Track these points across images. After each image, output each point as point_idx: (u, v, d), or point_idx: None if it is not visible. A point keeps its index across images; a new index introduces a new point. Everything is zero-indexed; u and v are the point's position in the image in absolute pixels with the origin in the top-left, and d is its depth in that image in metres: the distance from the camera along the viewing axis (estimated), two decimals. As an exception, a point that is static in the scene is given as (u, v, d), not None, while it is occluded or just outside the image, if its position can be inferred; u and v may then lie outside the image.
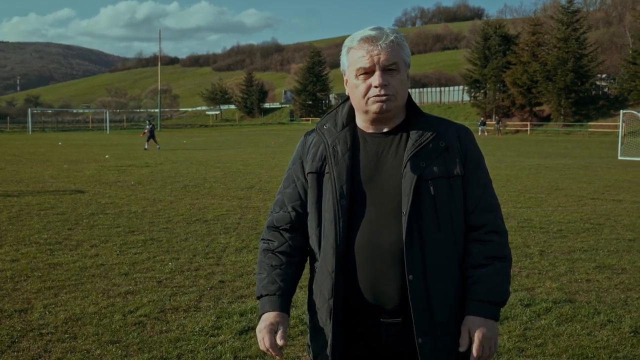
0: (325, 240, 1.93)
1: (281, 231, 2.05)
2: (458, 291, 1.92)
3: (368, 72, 1.89)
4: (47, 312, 4.92)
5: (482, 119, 53.95)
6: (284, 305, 1.97)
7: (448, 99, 72.44)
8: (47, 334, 4.44)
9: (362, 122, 2.00)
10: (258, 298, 2.02)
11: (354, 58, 1.92)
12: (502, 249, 1.95)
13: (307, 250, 2.05)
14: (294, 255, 2.03)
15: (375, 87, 1.88)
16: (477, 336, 1.87)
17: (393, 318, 1.89)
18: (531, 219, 9.36)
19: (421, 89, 77.36)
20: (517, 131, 54.37)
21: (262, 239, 2.10)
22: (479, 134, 50.79)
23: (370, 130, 1.98)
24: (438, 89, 75.39)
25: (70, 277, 6.01)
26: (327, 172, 1.95)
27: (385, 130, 1.97)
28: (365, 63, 1.88)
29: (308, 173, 2.00)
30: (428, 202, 1.87)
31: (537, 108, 57.47)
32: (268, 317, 1.94)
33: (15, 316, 4.82)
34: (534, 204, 11.13)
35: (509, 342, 4.30)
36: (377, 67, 1.87)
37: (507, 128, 55.02)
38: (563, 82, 52.25)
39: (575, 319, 4.79)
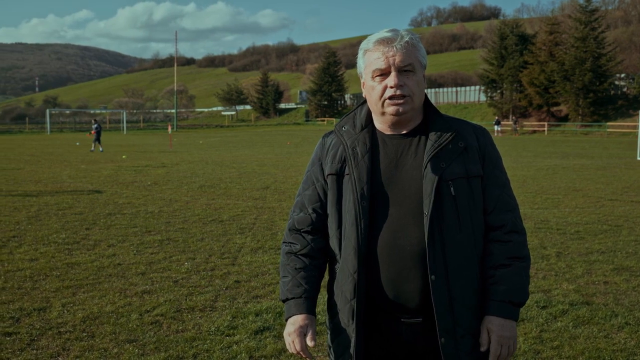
0: (346, 242, 1.94)
1: (303, 234, 2.06)
2: (478, 291, 1.93)
3: (384, 74, 1.90)
4: (65, 311, 4.98)
5: (497, 118, 53.63)
6: (310, 307, 1.99)
7: (464, 99, 72.07)
8: (66, 332, 4.50)
9: (380, 124, 2.01)
10: (283, 301, 2.03)
11: (370, 60, 1.93)
12: (521, 249, 1.95)
13: (328, 251, 2.06)
14: (316, 257, 2.04)
15: (391, 87, 1.88)
16: (495, 336, 1.88)
17: (414, 318, 1.90)
18: (548, 220, 9.29)
19: (437, 89, 77.03)
20: (534, 131, 53.95)
21: (284, 242, 2.10)
22: (495, 134, 50.50)
23: (388, 132, 1.99)
24: (454, 89, 75.03)
25: (88, 276, 6.08)
26: (347, 174, 1.95)
27: (403, 132, 1.98)
28: (381, 64, 1.90)
29: (328, 175, 2.01)
30: (449, 203, 1.88)
31: (555, 108, 56.97)
32: (296, 321, 1.95)
33: (35, 315, 4.89)
34: (551, 205, 11.04)
35: (524, 344, 4.28)
36: (392, 68, 1.89)
37: (524, 128, 54.62)
38: (581, 82, 51.74)
39: (592, 322, 4.75)
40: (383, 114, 1.94)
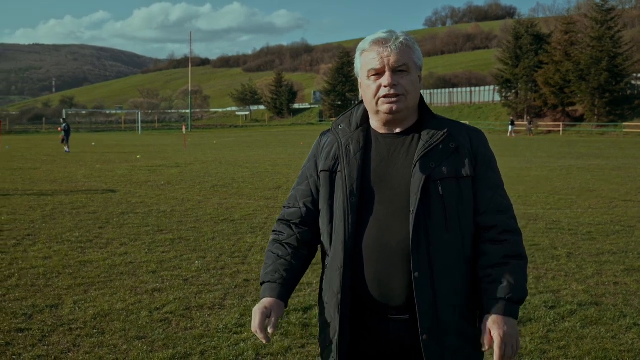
0: (335, 237, 1.98)
1: (291, 225, 2.11)
2: (464, 291, 1.94)
3: (379, 73, 1.95)
4: (77, 308, 5.06)
5: (511, 118, 53.33)
6: (282, 294, 2.01)
7: (479, 99, 71.68)
8: (77, 329, 4.58)
9: (375, 122, 2.05)
10: (261, 284, 2.08)
11: (366, 60, 1.99)
12: (517, 248, 1.96)
13: (315, 245, 2.12)
14: (301, 248, 2.09)
15: (385, 86, 1.93)
16: (498, 335, 1.85)
17: (400, 315, 1.92)
18: (560, 221, 9.24)
19: (451, 89, 76.70)
20: (550, 132, 53.54)
21: (273, 231, 2.17)
22: (508, 134, 50.19)
23: (382, 131, 2.03)
24: (468, 89, 74.65)
25: (100, 274, 6.17)
26: (339, 171, 2.00)
27: (397, 131, 2.02)
28: (376, 64, 1.95)
29: (321, 171, 2.06)
30: (436, 202, 1.90)
31: (570, 108, 56.49)
32: (264, 302, 1.99)
33: (47, 311, 4.97)
34: (563, 205, 10.97)
35: (531, 344, 4.28)
36: (387, 67, 1.93)
37: (539, 128, 54.23)
38: (597, 82, 51.27)
39: (600, 322, 4.73)
40: (377, 112, 1.99)
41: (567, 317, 4.84)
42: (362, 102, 2.10)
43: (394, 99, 1.93)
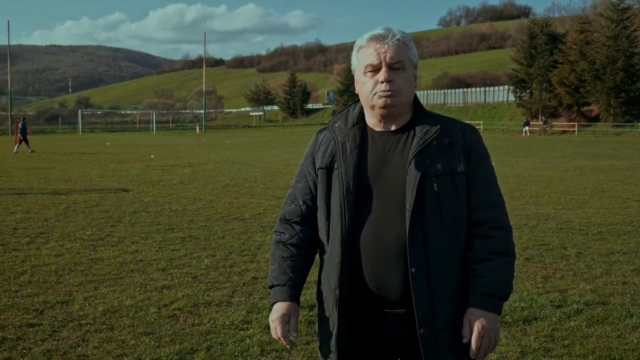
0: (333, 233, 2.02)
1: (292, 224, 2.15)
2: (460, 286, 1.98)
3: (375, 69, 1.98)
4: (87, 304, 5.14)
5: (526, 119, 52.99)
6: (294, 295, 2.08)
7: (493, 99, 71.28)
8: (86, 324, 4.65)
9: (370, 119, 2.08)
10: (270, 287, 2.13)
11: (363, 56, 2.02)
12: (505, 245, 1.99)
13: (316, 242, 2.14)
14: (303, 247, 2.13)
15: (381, 82, 1.96)
16: (477, 328, 1.92)
17: (397, 309, 1.96)
18: (571, 221, 9.20)
19: (465, 89, 76.34)
20: (564, 132, 53.12)
21: (275, 231, 2.20)
22: (523, 134, 49.87)
23: (378, 129, 2.06)
24: (483, 89, 74.25)
25: (111, 271, 6.25)
26: (336, 168, 2.04)
27: (392, 128, 2.05)
28: (373, 60, 1.98)
29: (318, 168, 2.10)
30: (431, 199, 1.93)
31: (585, 108, 56.00)
32: (280, 308, 2.06)
33: (58, 307, 5.06)
34: (575, 205, 10.92)
35: (535, 342, 4.29)
36: (383, 64, 1.97)
37: (553, 128, 53.83)
38: (612, 82, 50.77)
39: (606, 321, 4.73)
40: (372, 107, 2.02)
41: (573, 316, 4.83)
42: (358, 100, 2.13)
43: (388, 93, 1.97)
